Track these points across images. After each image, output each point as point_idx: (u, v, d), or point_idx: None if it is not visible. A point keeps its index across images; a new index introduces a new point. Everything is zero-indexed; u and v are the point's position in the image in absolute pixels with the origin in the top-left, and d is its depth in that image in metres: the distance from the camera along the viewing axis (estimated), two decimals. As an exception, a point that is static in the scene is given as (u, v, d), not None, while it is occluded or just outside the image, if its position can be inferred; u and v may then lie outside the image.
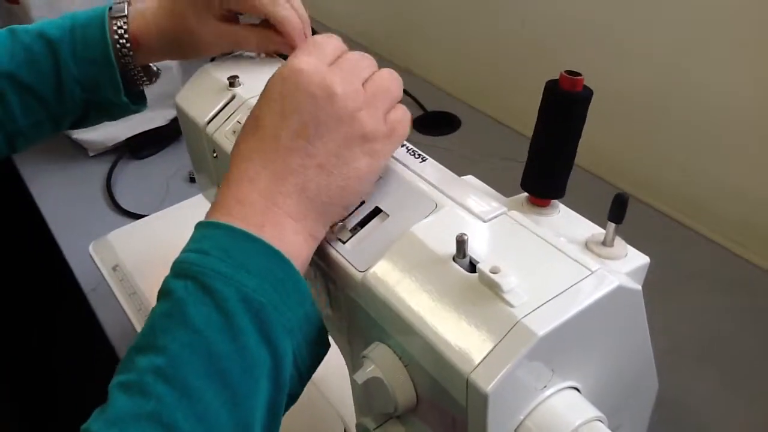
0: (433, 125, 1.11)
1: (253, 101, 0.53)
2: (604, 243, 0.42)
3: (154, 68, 0.63)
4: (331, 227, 0.43)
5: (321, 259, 0.45)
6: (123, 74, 0.58)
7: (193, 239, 0.39)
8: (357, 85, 0.42)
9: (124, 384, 0.34)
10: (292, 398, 0.40)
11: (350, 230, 0.44)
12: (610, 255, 0.41)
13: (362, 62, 0.44)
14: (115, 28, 0.56)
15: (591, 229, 0.43)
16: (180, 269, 0.37)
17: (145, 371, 0.34)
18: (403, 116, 0.44)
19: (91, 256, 0.79)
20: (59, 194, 1.02)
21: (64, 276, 0.86)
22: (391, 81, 0.44)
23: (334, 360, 0.62)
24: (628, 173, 0.95)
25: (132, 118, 1.09)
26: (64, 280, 0.86)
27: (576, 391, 0.39)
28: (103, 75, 0.56)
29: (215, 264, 0.36)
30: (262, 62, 0.60)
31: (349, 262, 0.42)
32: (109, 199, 0.99)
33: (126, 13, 0.56)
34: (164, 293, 0.37)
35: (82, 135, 1.07)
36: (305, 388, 0.62)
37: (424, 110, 1.14)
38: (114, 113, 0.62)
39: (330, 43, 0.44)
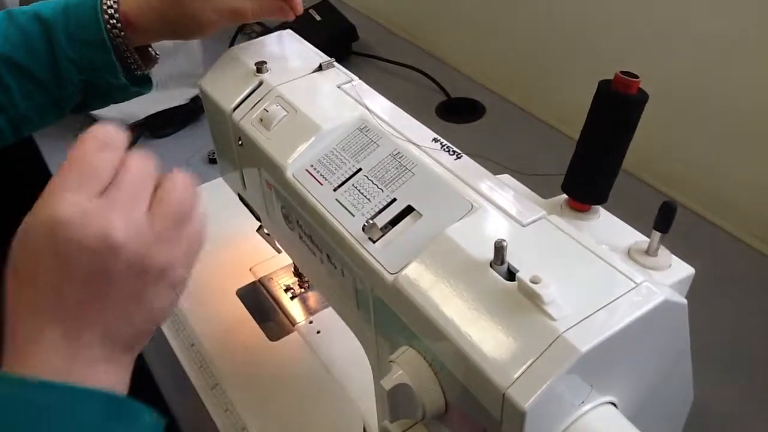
0: (457, 112, 1.08)
1: (281, 88, 0.52)
2: (647, 252, 0.40)
3: (153, 53, 0.61)
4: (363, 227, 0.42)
5: (350, 257, 0.43)
6: (120, 56, 0.56)
7: None
8: (140, 219, 0.35)
9: None
10: None
11: (381, 229, 0.42)
12: (654, 265, 0.39)
13: (142, 180, 0.36)
14: (105, 7, 0.54)
15: (633, 236, 0.41)
16: None
17: None
18: (197, 230, 0.38)
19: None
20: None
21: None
22: (182, 196, 0.37)
23: (356, 357, 0.61)
24: (657, 168, 0.92)
25: (151, 96, 1.10)
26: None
27: (613, 407, 0.37)
28: (98, 56, 0.55)
29: None
30: (290, 48, 0.58)
31: (379, 262, 0.41)
32: (127, 178, 0.97)
33: None
34: None
35: (101, 112, 1.05)
36: (325, 384, 0.61)
37: (448, 96, 1.11)
38: (115, 95, 0.60)
39: (99, 159, 0.36)
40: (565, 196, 0.43)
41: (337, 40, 1.19)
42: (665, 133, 0.90)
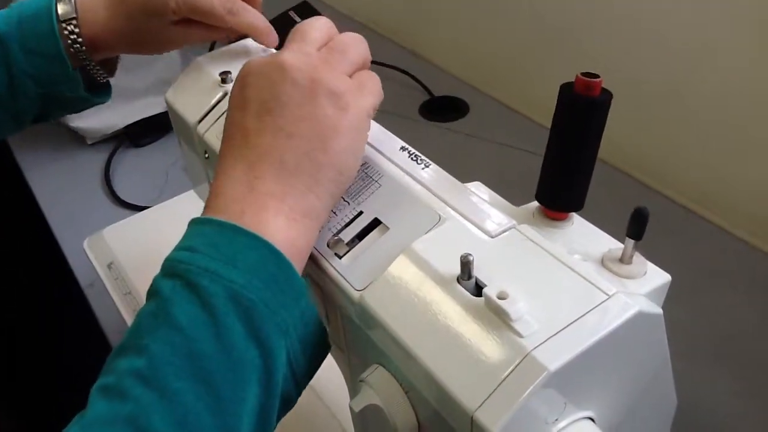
0: (440, 110, 1.07)
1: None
2: (621, 260, 0.38)
3: (115, 58, 0.60)
4: (328, 242, 0.40)
5: (316, 274, 0.42)
6: (81, 68, 0.55)
7: (184, 236, 0.37)
8: (307, 50, 0.41)
9: (104, 387, 0.32)
10: (288, 403, 0.37)
11: (347, 244, 0.41)
12: (629, 273, 0.38)
13: (313, 32, 0.43)
14: (66, 32, 0.53)
15: (608, 243, 0.40)
16: (168, 268, 0.35)
17: (124, 373, 0.32)
18: (369, 75, 0.43)
19: (86, 252, 0.77)
20: (57, 183, 0.99)
21: (62, 269, 0.84)
22: (349, 42, 0.43)
23: (334, 366, 0.59)
24: (646, 164, 0.91)
25: (131, 104, 1.08)
26: (63, 273, 0.84)
27: (591, 422, 0.36)
28: (57, 69, 0.53)
29: (203, 261, 0.34)
30: (256, 56, 0.56)
31: (345, 279, 0.39)
32: (108, 189, 0.96)
33: (75, 14, 0.53)
34: (152, 293, 0.35)
35: (80, 123, 1.04)
36: (308, 399, 0.59)
37: (431, 95, 1.10)
38: (76, 106, 0.59)
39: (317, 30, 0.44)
40: (536, 203, 0.42)
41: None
42: (651, 129, 0.89)
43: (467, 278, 0.35)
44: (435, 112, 1.07)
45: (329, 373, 0.60)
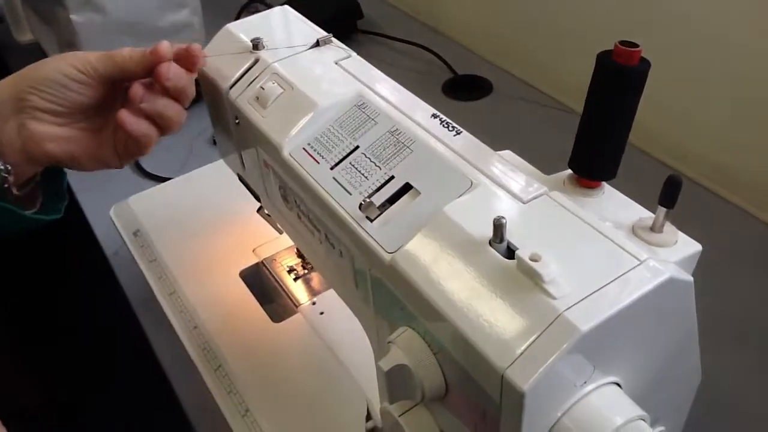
0: (464, 89, 1.07)
1: (278, 65, 0.51)
2: (652, 229, 0.38)
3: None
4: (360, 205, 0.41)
5: (347, 237, 0.42)
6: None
7: None
8: None
9: None
10: None
11: (378, 207, 0.41)
12: (660, 242, 0.38)
13: None
14: None
15: (638, 213, 0.40)
16: None
17: None
18: None
19: (112, 220, 0.78)
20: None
21: (87, 237, 0.85)
22: None
23: (359, 339, 0.60)
24: (668, 144, 0.90)
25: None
26: (87, 241, 0.85)
27: (617, 387, 0.36)
28: None
29: None
30: (287, 24, 0.57)
31: (376, 241, 0.40)
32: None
33: None
34: None
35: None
36: (329, 365, 0.60)
37: (454, 73, 1.09)
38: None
39: None
40: (568, 171, 0.42)
41: (342, 18, 1.18)
42: (673, 108, 0.88)
43: (499, 241, 0.35)
44: (458, 90, 1.06)
45: (353, 342, 0.61)
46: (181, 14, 1.03)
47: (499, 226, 0.35)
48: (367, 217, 0.41)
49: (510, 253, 0.36)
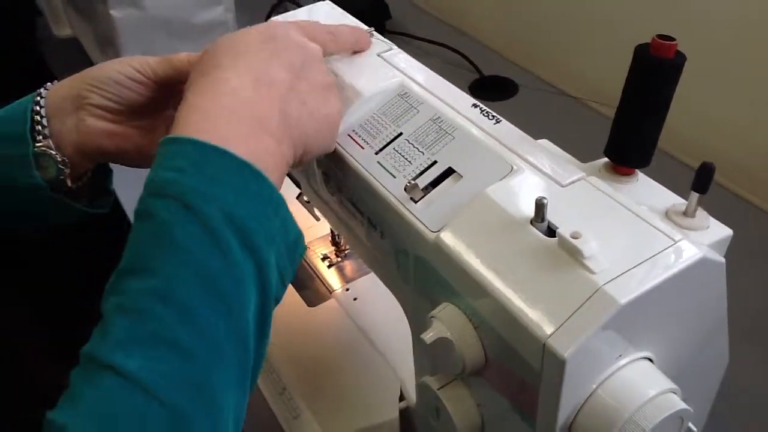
0: (490, 90, 1.09)
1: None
2: (685, 213, 0.40)
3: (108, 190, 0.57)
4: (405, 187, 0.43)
5: (391, 218, 0.44)
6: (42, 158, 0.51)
7: (164, 155, 0.38)
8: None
9: (121, 307, 0.34)
10: (277, 301, 0.40)
11: (422, 190, 0.43)
12: (692, 226, 0.40)
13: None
14: (37, 105, 0.51)
15: (671, 199, 0.42)
16: (158, 189, 0.37)
17: (140, 293, 0.34)
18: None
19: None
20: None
21: (124, 230, 0.87)
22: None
23: (392, 324, 0.62)
24: (689, 145, 0.92)
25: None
26: (124, 233, 0.87)
27: (650, 362, 0.38)
28: (15, 150, 0.49)
29: (193, 181, 0.36)
30: (330, 18, 0.59)
31: (421, 221, 0.42)
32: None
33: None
34: (144, 214, 0.37)
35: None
36: (362, 348, 0.62)
37: (481, 74, 1.12)
38: (39, 203, 0.51)
39: (322, 36, 0.48)
40: (604, 159, 0.44)
41: (370, 18, 1.20)
42: (690, 105, 0.89)
43: (540, 221, 0.38)
44: (484, 90, 1.08)
45: (386, 327, 0.63)
46: (215, 11, 1.06)
47: (540, 206, 0.37)
48: (411, 199, 0.43)
49: (550, 232, 0.38)
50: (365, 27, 0.57)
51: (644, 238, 0.37)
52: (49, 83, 0.52)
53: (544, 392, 0.36)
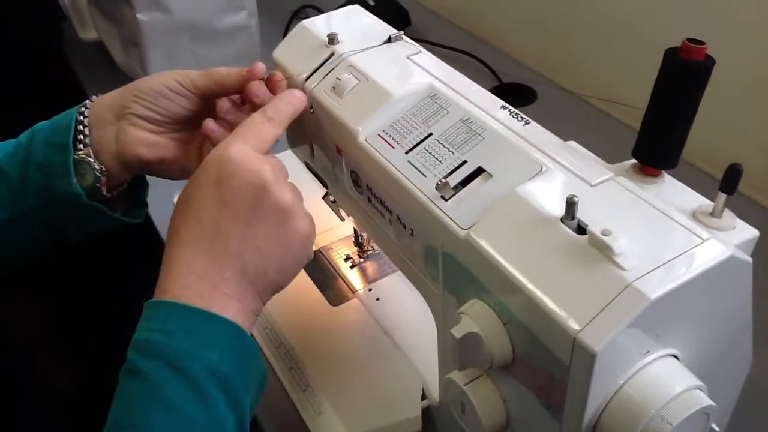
0: (509, 97, 1.09)
1: (353, 58, 0.54)
2: (712, 214, 0.41)
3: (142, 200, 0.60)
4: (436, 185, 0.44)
5: (422, 216, 0.45)
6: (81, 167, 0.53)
7: (150, 318, 0.42)
8: (282, 172, 0.47)
9: None
10: None
11: (452, 188, 0.44)
12: (719, 226, 0.41)
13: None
14: (81, 115, 0.53)
15: (698, 200, 0.43)
16: (147, 349, 0.40)
17: None
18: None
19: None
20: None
21: (146, 224, 0.88)
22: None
23: (415, 324, 0.63)
24: (711, 155, 0.92)
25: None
26: (146, 228, 0.88)
27: (675, 359, 0.39)
28: (58, 157, 0.52)
29: (180, 343, 0.40)
30: (360, 22, 0.60)
31: (451, 219, 0.43)
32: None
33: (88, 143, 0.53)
34: (134, 372, 0.40)
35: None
36: (385, 347, 0.63)
37: (500, 81, 1.13)
38: (77, 216, 0.54)
39: (267, 130, 0.48)
40: (631, 161, 0.45)
41: (391, 25, 1.21)
42: (711, 114, 0.90)
43: (571, 218, 0.38)
44: (503, 97, 1.09)
45: (408, 327, 0.64)
46: (239, 16, 1.08)
47: (571, 204, 0.38)
48: (442, 197, 0.44)
49: (580, 230, 0.38)
50: (394, 31, 0.58)
51: (673, 237, 0.38)
52: (94, 96, 0.55)
53: (573, 387, 0.37)
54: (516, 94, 1.11)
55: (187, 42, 1.06)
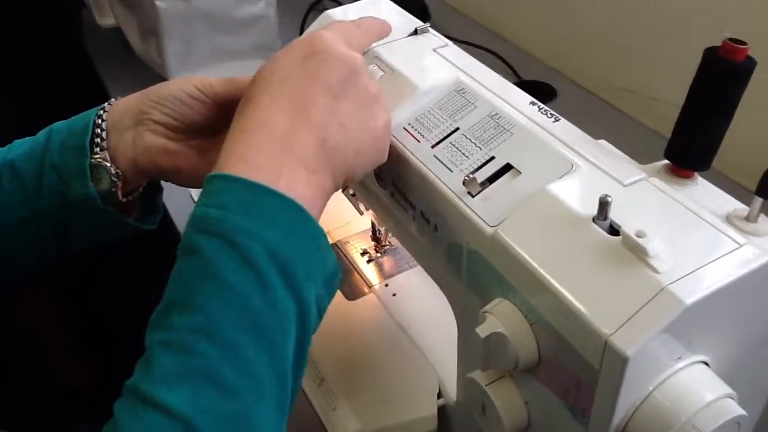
0: (528, 94, 1.08)
1: (378, 50, 0.53)
2: (747, 218, 0.40)
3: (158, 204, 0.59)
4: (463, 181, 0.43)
5: (447, 211, 0.44)
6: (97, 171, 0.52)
7: (210, 193, 0.39)
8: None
9: (166, 342, 0.35)
10: (314, 332, 0.41)
11: (480, 184, 0.43)
12: (754, 231, 0.40)
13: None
14: (99, 118, 0.52)
15: (732, 204, 0.42)
16: (203, 225, 0.38)
17: (185, 329, 0.35)
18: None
19: (192, 198, 0.81)
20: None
21: (163, 220, 0.88)
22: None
23: (432, 321, 0.62)
24: (743, 165, 0.91)
25: (227, 65, 1.12)
26: (163, 224, 0.88)
27: (706, 366, 0.38)
28: (74, 160, 0.51)
29: (238, 220, 0.37)
30: (385, 13, 0.59)
31: (478, 215, 0.42)
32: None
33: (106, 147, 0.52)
34: (190, 250, 0.38)
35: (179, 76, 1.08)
36: (401, 343, 0.62)
37: (519, 78, 1.11)
38: (90, 220, 0.53)
39: (354, 32, 0.47)
40: (663, 162, 0.43)
41: (410, 19, 1.21)
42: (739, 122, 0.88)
43: (603, 218, 0.37)
44: (522, 94, 1.08)
45: (425, 323, 0.63)
46: (257, 6, 1.07)
47: (604, 204, 0.37)
48: (468, 193, 0.43)
49: (613, 230, 0.38)
50: (419, 23, 0.57)
51: (708, 241, 0.37)
52: (113, 99, 0.54)
53: (601, 391, 0.36)
54: (535, 91, 1.09)
55: (205, 31, 1.05)
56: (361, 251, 0.71)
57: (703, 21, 0.90)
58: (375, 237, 0.71)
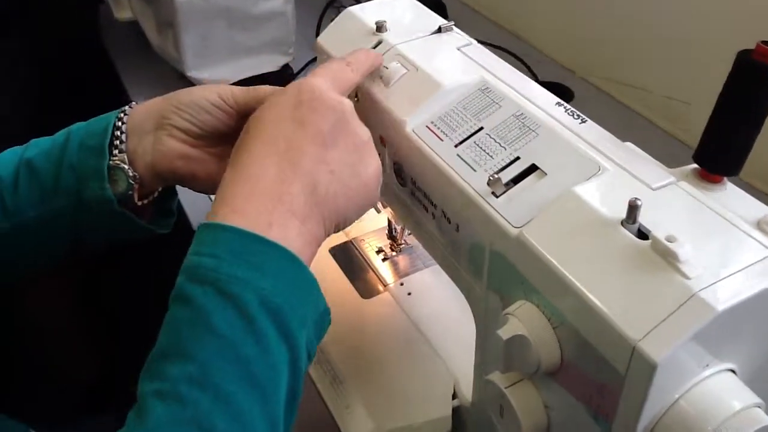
0: (544, 95, 1.08)
1: (401, 47, 0.53)
2: (778, 225, 0.39)
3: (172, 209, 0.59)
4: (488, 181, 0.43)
5: (470, 211, 0.44)
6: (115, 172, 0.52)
7: (202, 242, 0.39)
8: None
9: (159, 392, 0.35)
10: (304, 375, 0.41)
11: (504, 185, 0.43)
12: (785, 238, 0.39)
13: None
14: (119, 120, 0.52)
15: (762, 210, 0.41)
16: (196, 274, 0.38)
17: (178, 379, 0.35)
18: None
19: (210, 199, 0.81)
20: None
21: (180, 224, 0.87)
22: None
23: (447, 320, 0.62)
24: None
25: (244, 60, 1.12)
26: (180, 228, 0.87)
27: (733, 374, 0.37)
28: (92, 161, 0.51)
29: (231, 269, 0.37)
30: (408, 10, 0.59)
31: (502, 216, 0.41)
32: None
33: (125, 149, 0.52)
34: (182, 298, 0.38)
35: (195, 73, 1.08)
36: (416, 343, 0.62)
37: (537, 79, 1.11)
38: (105, 222, 0.53)
39: (345, 73, 0.48)
40: (691, 165, 0.43)
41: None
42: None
43: (632, 222, 0.37)
44: (539, 95, 1.07)
45: (440, 323, 0.63)
46: (275, 2, 1.06)
47: (634, 207, 0.36)
48: (492, 193, 0.43)
49: (641, 234, 0.37)
50: (443, 21, 0.57)
51: (739, 247, 0.36)
52: (134, 102, 0.54)
53: (626, 398, 0.35)
54: (553, 93, 1.09)
55: (222, 26, 1.05)
56: (377, 249, 0.71)
57: (720, 23, 0.89)
58: (391, 235, 0.70)
